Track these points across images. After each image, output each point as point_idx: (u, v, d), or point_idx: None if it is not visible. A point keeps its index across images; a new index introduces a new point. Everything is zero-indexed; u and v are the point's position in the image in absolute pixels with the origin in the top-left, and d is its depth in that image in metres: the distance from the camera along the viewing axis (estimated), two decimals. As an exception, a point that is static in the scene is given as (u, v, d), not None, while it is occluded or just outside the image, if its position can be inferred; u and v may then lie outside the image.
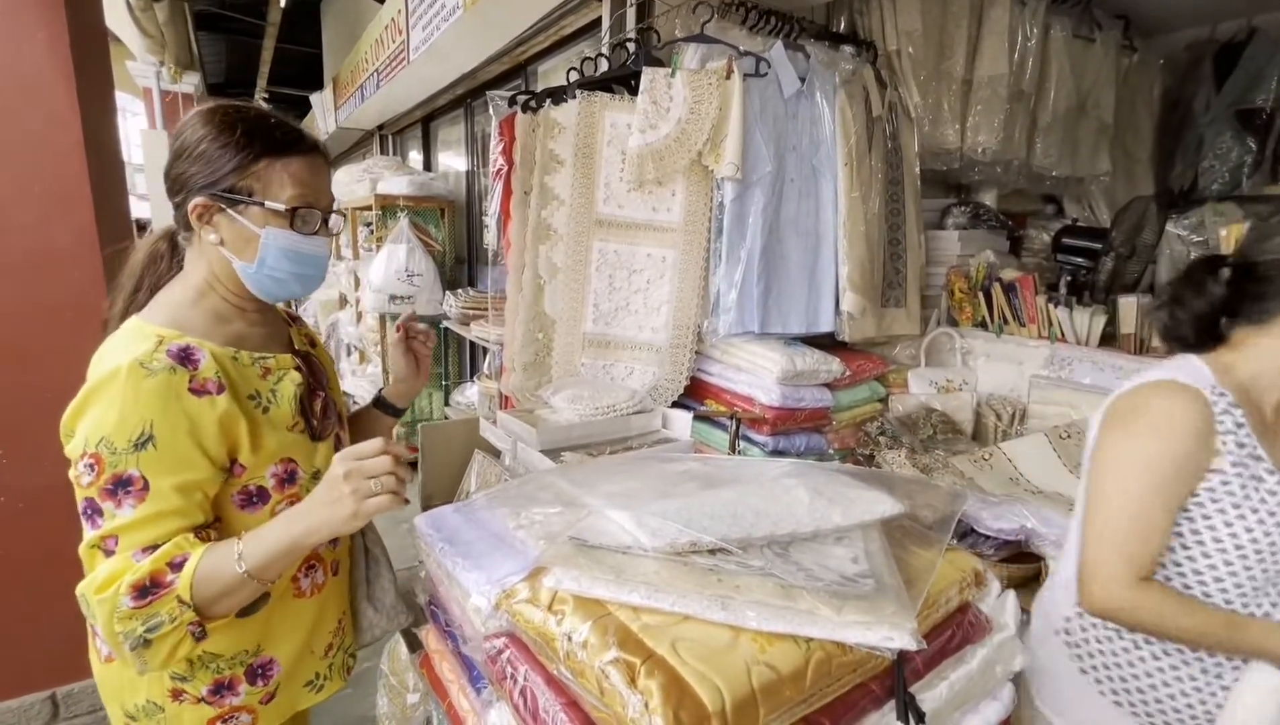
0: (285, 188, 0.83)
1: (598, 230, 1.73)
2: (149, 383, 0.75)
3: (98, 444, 0.73)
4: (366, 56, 3.90)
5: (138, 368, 0.75)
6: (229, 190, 0.82)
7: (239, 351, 0.85)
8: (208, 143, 0.82)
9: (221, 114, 0.83)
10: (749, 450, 1.75)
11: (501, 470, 1.42)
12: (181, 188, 0.83)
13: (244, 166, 0.82)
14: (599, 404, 1.34)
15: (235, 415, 0.81)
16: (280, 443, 0.86)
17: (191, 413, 0.77)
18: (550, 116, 1.69)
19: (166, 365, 0.76)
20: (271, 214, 0.83)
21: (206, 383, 0.79)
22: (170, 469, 0.75)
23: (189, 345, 0.80)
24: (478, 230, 3.80)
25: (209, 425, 0.78)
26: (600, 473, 0.92)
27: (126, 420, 0.74)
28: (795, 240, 1.82)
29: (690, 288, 1.74)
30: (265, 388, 0.87)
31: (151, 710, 0.86)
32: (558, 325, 1.75)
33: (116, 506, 0.73)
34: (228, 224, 0.83)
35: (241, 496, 0.84)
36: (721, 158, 1.66)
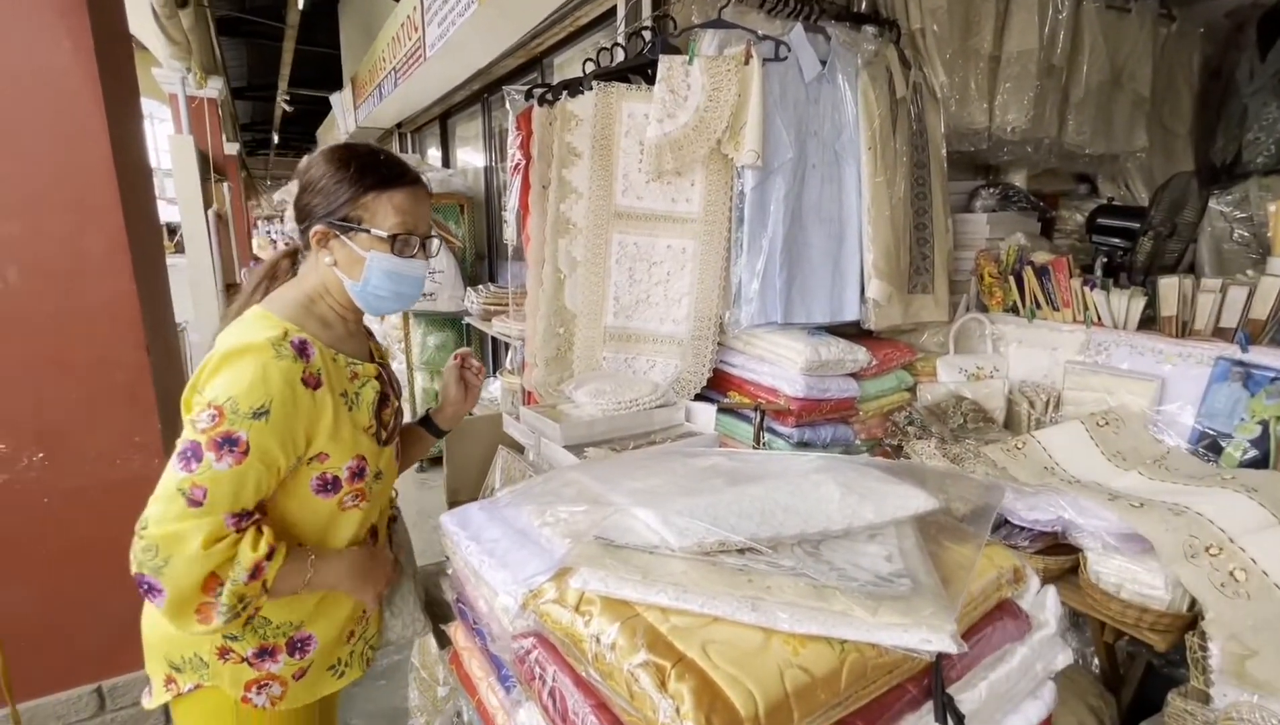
0: (389, 217, 0.94)
1: (617, 222, 1.71)
2: (277, 365, 0.85)
3: (225, 400, 0.82)
4: (384, 55, 3.92)
5: (269, 348, 0.85)
6: (343, 219, 0.94)
7: (338, 354, 0.95)
8: (327, 179, 0.94)
9: (340, 153, 0.96)
10: (774, 442, 1.73)
11: (526, 466, 1.42)
12: (306, 216, 0.96)
13: (355, 198, 0.93)
14: (621, 398, 1.33)
15: (328, 408, 0.90)
16: (356, 441, 0.95)
17: (300, 401, 0.86)
18: (567, 109, 1.67)
19: (291, 354, 0.87)
20: (376, 240, 0.94)
21: (313, 376, 0.89)
22: (269, 444, 0.84)
23: (305, 340, 0.90)
24: (497, 225, 3.81)
25: (307, 414, 0.88)
26: (624, 469, 0.91)
27: (253, 390, 0.83)
28: (818, 227, 1.78)
29: (711, 278, 1.72)
30: (352, 389, 0.96)
31: (197, 664, 0.93)
32: (578, 319, 1.74)
33: (216, 458, 0.81)
34: (340, 247, 0.95)
35: (319, 481, 0.93)
36: (741, 145, 1.63)
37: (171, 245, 8.25)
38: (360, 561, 0.98)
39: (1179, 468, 1.44)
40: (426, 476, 4.00)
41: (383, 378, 1.03)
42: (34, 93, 1.23)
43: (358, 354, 1.00)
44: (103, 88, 1.32)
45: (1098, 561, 1.27)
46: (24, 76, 1.21)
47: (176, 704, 0.95)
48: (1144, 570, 1.20)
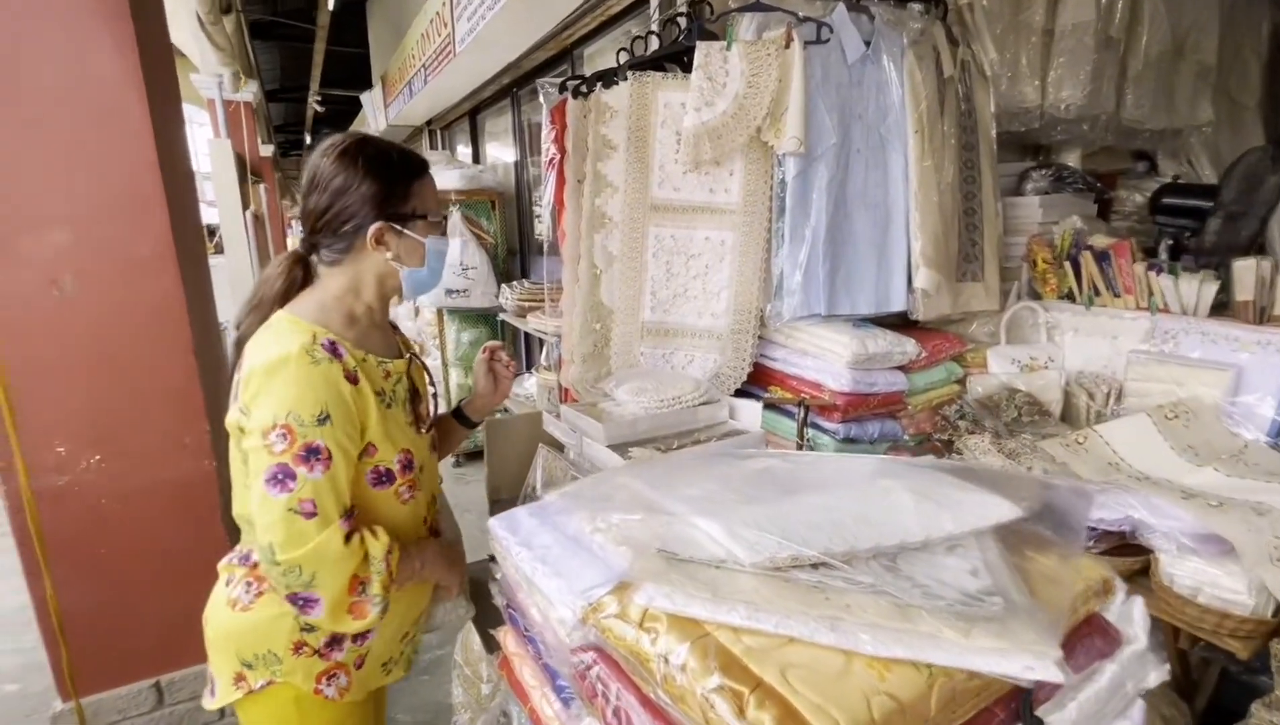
0: (429, 201, 1.00)
1: (653, 215, 1.68)
2: (317, 369, 0.86)
3: (287, 416, 0.84)
4: (413, 52, 3.93)
5: (305, 355, 0.86)
6: (407, 212, 0.97)
7: (367, 355, 0.96)
8: (370, 179, 0.94)
9: (367, 152, 0.95)
10: (818, 438, 1.68)
11: (567, 465, 1.40)
12: (349, 219, 0.95)
13: (408, 190, 0.96)
14: (664, 396, 1.30)
15: (370, 402, 0.92)
16: (401, 434, 0.98)
17: (346, 397, 0.89)
18: (601, 100, 1.64)
19: (326, 357, 0.88)
20: (430, 225, 0.99)
21: (351, 373, 0.91)
22: (342, 443, 0.87)
23: (334, 341, 0.91)
24: (528, 221, 3.80)
25: (357, 408, 0.90)
26: (674, 472, 0.88)
27: (306, 398, 0.85)
28: (863, 215, 1.72)
29: (751, 270, 1.67)
30: (388, 387, 0.98)
31: (270, 660, 0.95)
32: (615, 315, 1.71)
33: (309, 471, 0.84)
34: (398, 240, 0.97)
35: (374, 475, 0.95)
36: (782, 132, 1.58)
37: (212, 246, 8.50)
38: (443, 548, 1.05)
39: (1259, 463, 1.36)
40: (464, 471, 4.05)
41: (413, 370, 1.05)
42: (82, 101, 1.25)
43: (386, 351, 1.01)
44: (147, 94, 1.33)
45: (1172, 564, 1.19)
46: (72, 86, 1.23)
47: (243, 702, 0.96)
48: (1224, 573, 1.13)
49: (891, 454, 1.79)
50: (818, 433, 1.68)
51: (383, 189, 0.94)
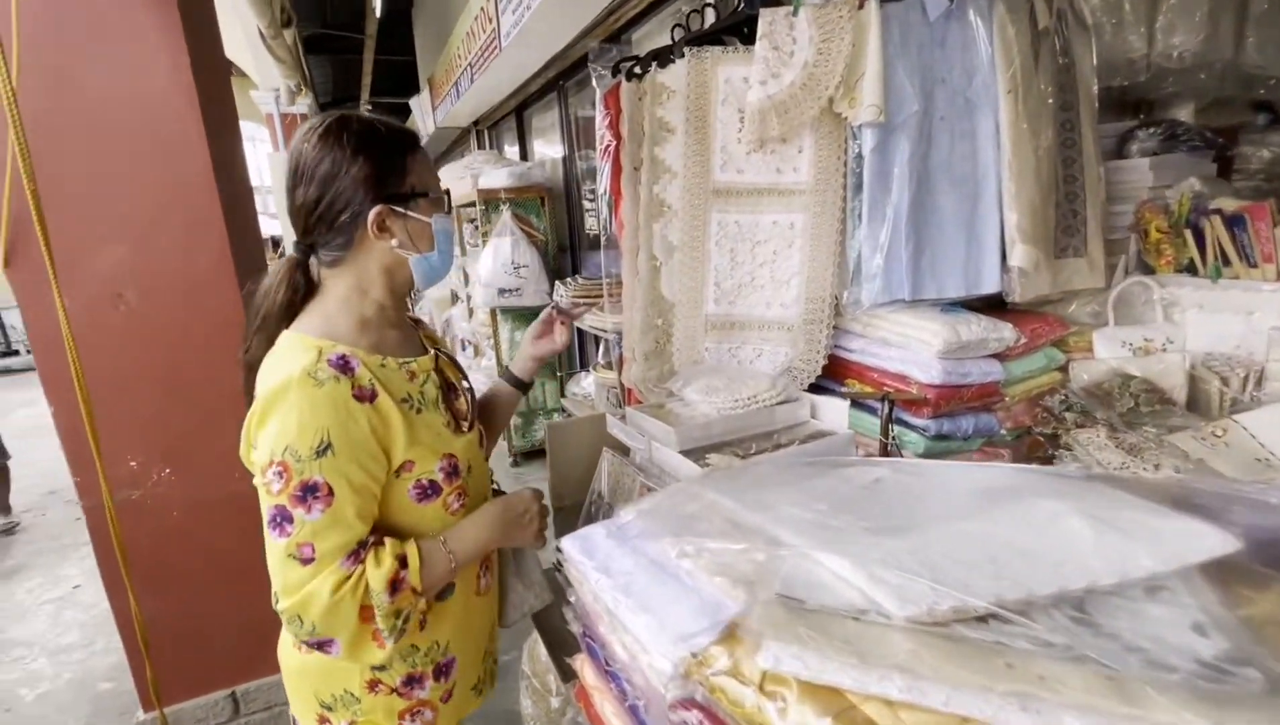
0: (428, 177, 0.90)
1: (715, 201, 1.57)
2: (319, 392, 0.78)
3: (283, 452, 0.77)
4: (459, 52, 3.92)
5: (307, 378, 0.78)
6: (407, 192, 0.87)
7: (385, 358, 0.88)
8: (363, 158, 0.84)
9: (352, 129, 0.85)
10: (904, 435, 1.53)
11: (634, 470, 1.31)
12: (344, 207, 0.85)
13: (404, 168, 0.87)
14: (739, 395, 1.20)
15: (394, 417, 0.84)
16: (439, 440, 0.90)
17: (358, 418, 0.80)
18: (657, 81, 1.53)
19: (331, 375, 0.80)
20: (434, 202, 0.90)
21: (364, 389, 0.82)
22: (348, 474, 0.79)
23: (344, 354, 0.83)
24: (579, 215, 3.74)
25: (373, 429, 0.82)
26: (766, 484, 0.78)
27: (305, 428, 0.77)
28: (949, 189, 1.55)
29: (824, 255, 1.54)
30: (415, 391, 0.90)
31: (348, 700, 0.90)
32: (677, 308, 1.61)
33: (306, 512, 0.77)
34: (402, 225, 0.89)
35: (417, 491, 0.88)
36: (858, 101, 1.43)
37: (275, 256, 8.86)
38: (498, 511, 0.96)
39: None
40: (522, 470, 4.04)
41: (442, 365, 0.98)
42: (137, 118, 1.24)
43: (408, 350, 0.94)
44: (201, 109, 1.32)
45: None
46: (128, 102, 1.23)
47: None
48: None
49: (988, 451, 1.63)
50: (904, 430, 1.54)
51: (376, 167, 0.85)
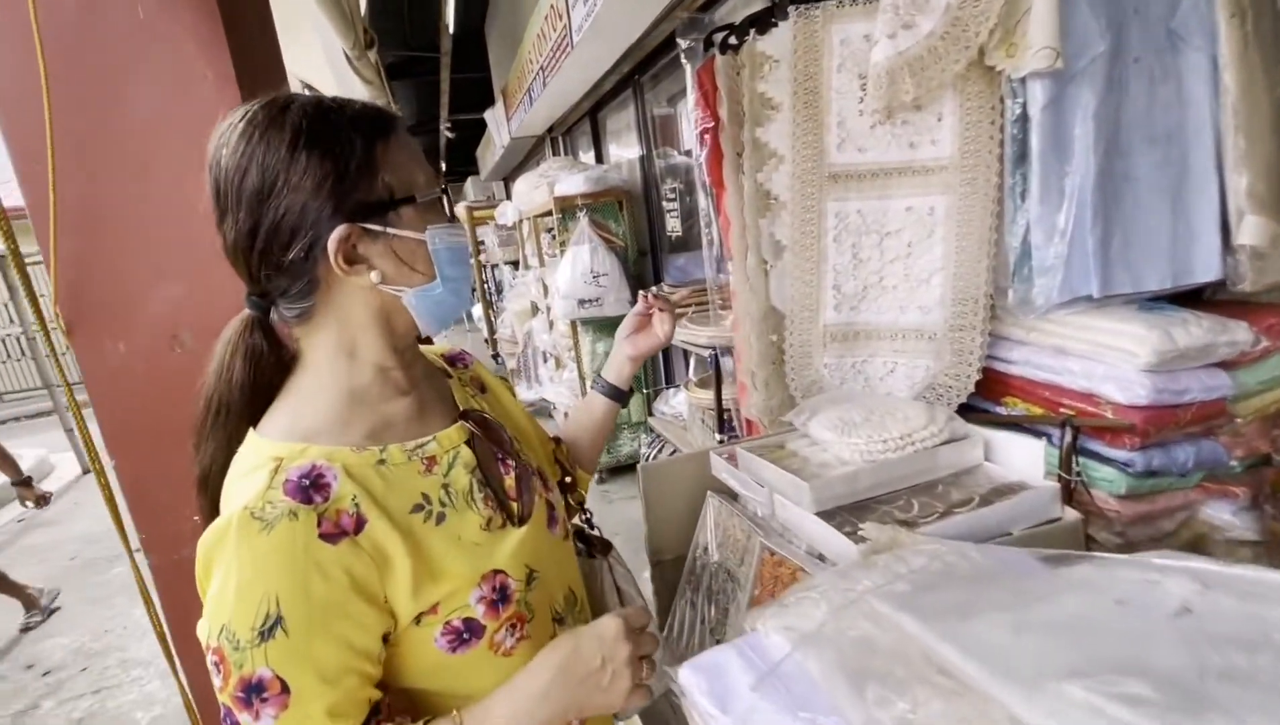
0: (413, 170, 0.63)
1: (832, 188, 1.29)
2: (265, 541, 0.54)
3: (219, 635, 0.55)
4: (530, 56, 3.82)
5: (249, 521, 0.55)
6: (372, 202, 0.60)
7: (386, 449, 0.64)
8: (307, 159, 0.57)
9: (292, 117, 0.58)
10: (1095, 471, 1.19)
11: (748, 523, 1.07)
12: (291, 239, 0.58)
13: (372, 164, 0.60)
14: (887, 434, 0.92)
15: (397, 549, 0.59)
16: (476, 556, 0.64)
17: (328, 569, 0.56)
18: (756, 50, 1.28)
19: (285, 510, 0.55)
20: (426, 208, 0.63)
21: (342, 517, 0.58)
22: (313, 658, 0.55)
23: (314, 465, 0.59)
24: (659, 217, 3.53)
25: (360, 577, 0.57)
26: (981, 602, 0.53)
27: (245, 598, 0.54)
28: (1146, 151, 1.20)
29: (975, 245, 1.23)
30: (434, 488, 0.65)
31: None
32: (788, 320, 1.35)
33: (254, 719, 0.54)
34: (382, 247, 0.62)
35: (449, 637, 0.63)
36: (1021, 47, 1.12)
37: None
38: (556, 667, 0.60)
39: None
40: (608, 487, 3.88)
41: (481, 432, 0.71)
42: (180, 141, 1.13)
43: (423, 424, 0.68)
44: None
45: None
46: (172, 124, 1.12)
47: None
48: None
49: (1209, 488, 1.25)
50: (1095, 464, 1.19)
51: (332, 168, 0.58)
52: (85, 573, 3.93)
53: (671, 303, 0.93)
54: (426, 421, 0.69)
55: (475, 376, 0.84)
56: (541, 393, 4.47)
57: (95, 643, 3.13)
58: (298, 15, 3.24)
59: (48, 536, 4.67)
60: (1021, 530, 0.83)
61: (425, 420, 0.69)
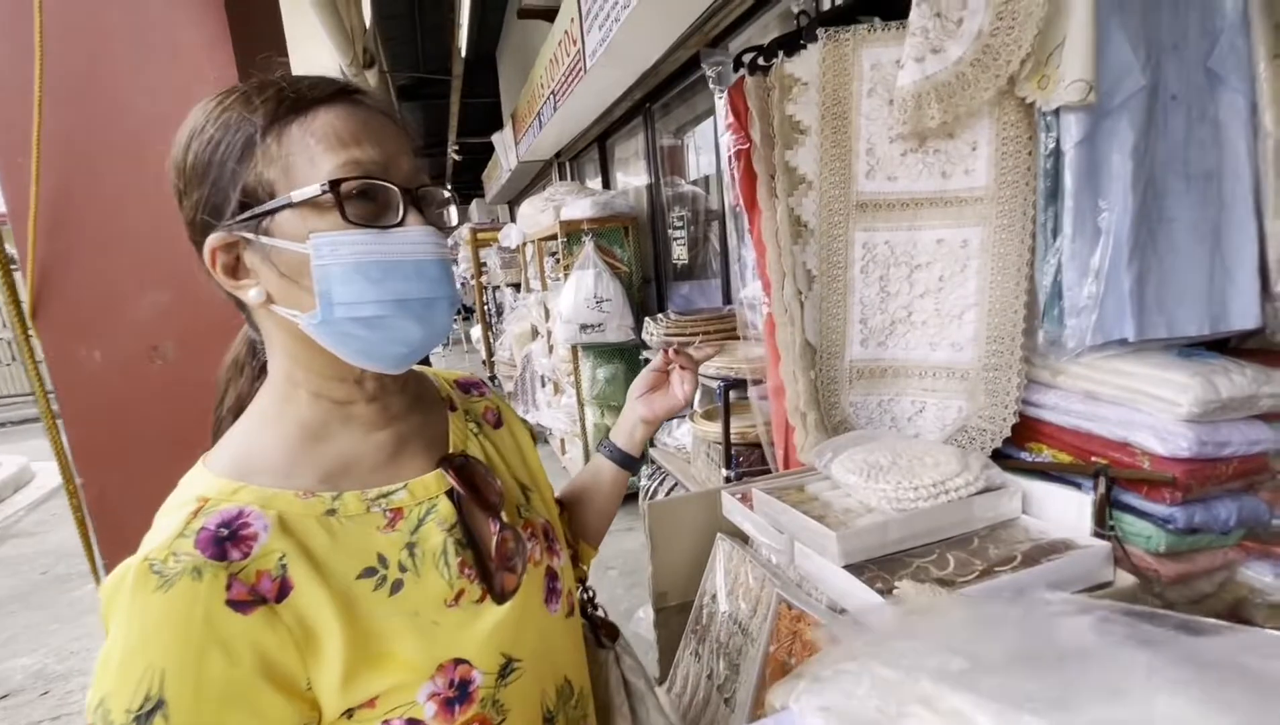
0: (319, 160, 0.49)
1: (860, 216, 1.24)
2: (158, 603, 0.44)
3: (95, 710, 0.44)
4: (541, 80, 3.83)
5: (146, 574, 0.45)
6: (243, 203, 0.50)
7: (340, 497, 0.52)
8: (196, 144, 0.50)
9: (215, 98, 0.52)
10: (1131, 526, 1.11)
11: (761, 570, 0.99)
12: (201, 235, 0.52)
13: (247, 153, 0.49)
14: (918, 481, 0.85)
15: (323, 624, 0.48)
16: (433, 639, 0.52)
17: (232, 645, 0.45)
18: (784, 72, 1.24)
19: (188, 565, 0.45)
20: (312, 210, 0.49)
21: (262, 580, 0.47)
22: None
23: (241, 511, 0.48)
24: (664, 245, 3.50)
25: (266, 658, 0.46)
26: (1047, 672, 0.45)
27: (126, 671, 0.44)
28: (1184, 192, 1.16)
29: (1010, 281, 1.18)
30: (395, 548, 0.53)
31: None
32: (815, 353, 1.28)
33: None
34: (265, 262, 0.51)
35: None
36: (1055, 78, 1.08)
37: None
38: None
39: None
40: (602, 519, 3.76)
41: (459, 481, 0.58)
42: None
43: (396, 466, 0.57)
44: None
45: None
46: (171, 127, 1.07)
47: None
48: None
49: (1250, 547, 1.17)
50: (1132, 519, 1.12)
51: (215, 155, 0.50)
52: (55, 588, 3.77)
53: (695, 360, 0.81)
54: (401, 464, 0.58)
55: (491, 407, 0.73)
56: (538, 417, 4.38)
57: (59, 664, 2.98)
58: (313, 26, 3.25)
59: (21, 548, 4.51)
60: (1072, 593, 0.75)
61: (400, 463, 0.58)
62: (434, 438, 0.63)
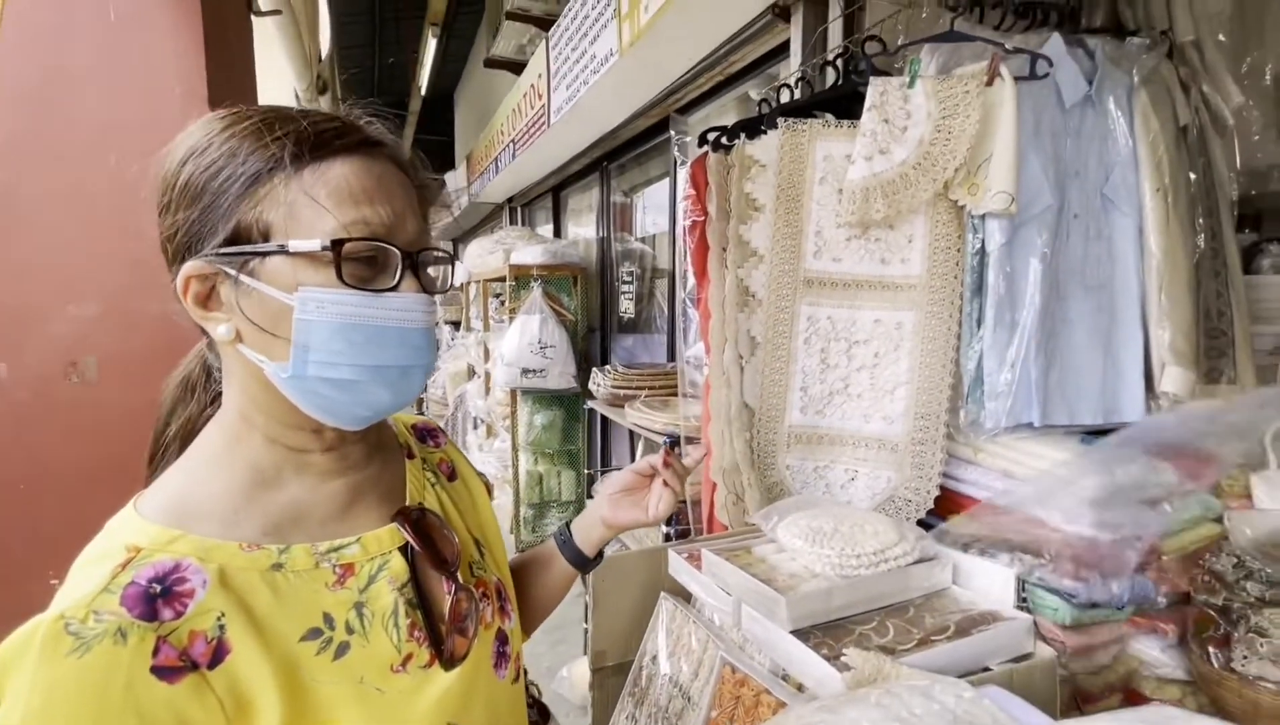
0: (325, 213, 0.47)
1: (806, 291, 1.33)
2: (71, 668, 0.39)
3: None
4: (502, 128, 3.90)
5: (59, 636, 0.40)
6: (232, 238, 0.48)
7: (288, 550, 0.49)
8: (193, 164, 0.48)
9: (221, 119, 0.51)
10: (1042, 600, 1.20)
11: (704, 631, 0.99)
12: (172, 256, 0.51)
13: (251, 190, 0.47)
14: (861, 548, 0.89)
15: (260, 692, 0.44)
16: (378, 709, 0.49)
17: (152, 718, 0.41)
18: (745, 153, 1.34)
19: (110, 627, 0.41)
20: (307, 263, 0.47)
21: (195, 642, 0.43)
22: None
23: (178, 564, 0.44)
24: (612, 298, 3.56)
25: None
26: None
27: None
28: (1082, 298, 1.31)
29: (938, 363, 1.28)
30: (342, 608, 0.50)
31: None
32: (756, 417, 1.33)
33: None
34: (243, 301, 0.49)
35: None
36: (981, 187, 1.22)
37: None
38: None
39: None
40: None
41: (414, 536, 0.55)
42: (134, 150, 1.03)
43: (349, 518, 0.54)
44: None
45: None
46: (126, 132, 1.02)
47: None
48: None
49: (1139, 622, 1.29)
50: (1043, 593, 1.20)
51: (209, 184, 0.48)
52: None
53: (686, 469, 0.76)
54: (354, 516, 0.55)
55: (445, 459, 0.70)
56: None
57: None
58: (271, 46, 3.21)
59: None
60: (999, 664, 0.80)
61: (353, 514, 0.55)
62: (390, 487, 0.60)
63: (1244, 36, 1.54)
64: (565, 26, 2.57)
